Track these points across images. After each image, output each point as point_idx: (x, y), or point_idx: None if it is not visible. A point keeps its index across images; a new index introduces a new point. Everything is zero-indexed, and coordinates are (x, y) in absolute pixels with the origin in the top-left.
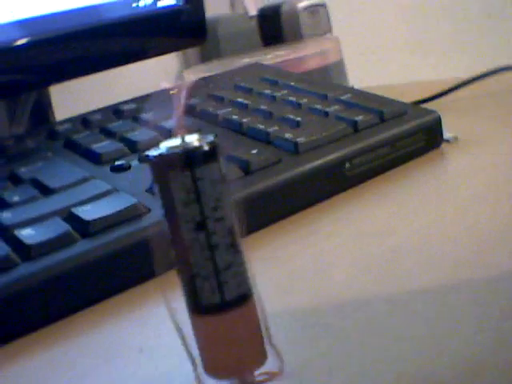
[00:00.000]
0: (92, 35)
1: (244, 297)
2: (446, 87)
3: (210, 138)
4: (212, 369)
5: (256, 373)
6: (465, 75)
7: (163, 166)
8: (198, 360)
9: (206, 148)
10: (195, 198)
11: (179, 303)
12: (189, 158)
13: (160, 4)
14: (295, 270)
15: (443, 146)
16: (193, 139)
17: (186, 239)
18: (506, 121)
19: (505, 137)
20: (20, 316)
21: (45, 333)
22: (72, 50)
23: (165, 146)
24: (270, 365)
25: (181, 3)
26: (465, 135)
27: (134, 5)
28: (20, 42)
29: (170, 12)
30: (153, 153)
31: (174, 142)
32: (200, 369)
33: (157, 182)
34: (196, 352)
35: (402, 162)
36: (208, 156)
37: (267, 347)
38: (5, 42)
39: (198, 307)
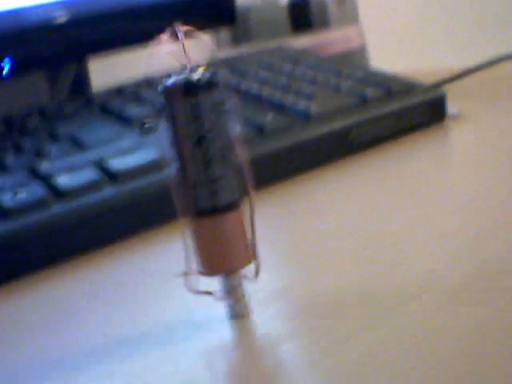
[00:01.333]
0: (128, 15)
1: (234, 204)
2: (457, 73)
3: (210, 74)
4: (205, 266)
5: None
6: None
7: (169, 94)
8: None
9: (204, 80)
10: (193, 121)
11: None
12: (189, 87)
13: None
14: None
15: (447, 121)
16: (196, 73)
17: (186, 153)
18: (509, 102)
19: (505, 115)
20: (52, 249)
21: (73, 263)
22: (109, 28)
23: (172, 79)
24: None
25: None
26: (469, 112)
27: None
28: (62, 20)
29: None
30: (162, 84)
31: (181, 76)
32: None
33: (165, 107)
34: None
35: (407, 133)
36: (205, 87)
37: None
38: (49, 19)
39: (196, 210)
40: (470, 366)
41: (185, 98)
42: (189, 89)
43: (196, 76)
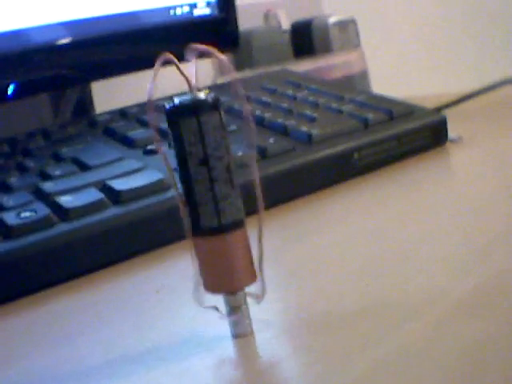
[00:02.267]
0: (131, 38)
1: (237, 223)
2: (457, 97)
3: (214, 94)
4: (209, 284)
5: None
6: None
7: (175, 113)
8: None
9: (210, 100)
10: (199, 140)
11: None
12: (195, 107)
13: (196, 13)
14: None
15: (448, 144)
16: (200, 94)
17: (191, 173)
18: (510, 127)
19: (506, 139)
20: (56, 267)
21: (77, 282)
22: (112, 51)
23: (177, 98)
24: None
25: (216, 13)
26: (470, 137)
27: (172, 12)
28: (65, 41)
29: (205, 21)
30: (168, 104)
31: (185, 96)
32: (199, 286)
33: (170, 127)
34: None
35: (408, 157)
36: (211, 106)
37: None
38: (52, 41)
39: (200, 230)
40: (473, 382)
41: (191, 116)
42: (196, 107)
43: (202, 96)
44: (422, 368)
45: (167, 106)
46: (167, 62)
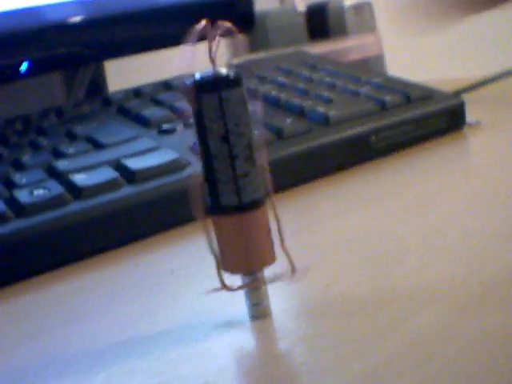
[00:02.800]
0: (146, 17)
1: (258, 202)
2: (475, 82)
3: (236, 70)
4: (228, 264)
5: (265, 272)
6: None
7: (197, 89)
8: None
9: (232, 75)
10: (220, 116)
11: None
12: (217, 82)
13: None
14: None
15: (466, 128)
16: (222, 70)
17: (212, 150)
18: None
19: None
20: (71, 245)
21: (90, 261)
22: (126, 30)
23: (198, 74)
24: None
25: None
26: (487, 121)
27: None
28: (80, 20)
29: (220, 1)
30: (189, 79)
31: (207, 71)
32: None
33: (191, 103)
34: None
35: (425, 140)
36: (232, 82)
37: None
38: (66, 19)
39: (219, 208)
40: (490, 374)
41: (213, 91)
42: (217, 83)
43: (224, 71)
44: (442, 356)
45: (187, 82)
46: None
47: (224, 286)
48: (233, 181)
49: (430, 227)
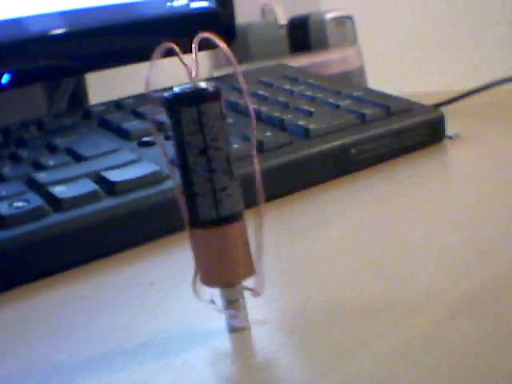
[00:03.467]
0: (128, 30)
1: (236, 215)
2: (455, 95)
3: (215, 84)
4: (206, 277)
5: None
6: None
7: (176, 103)
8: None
9: (211, 90)
10: (199, 129)
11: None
12: (196, 96)
13: (193, 5)
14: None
15: (446, 141)
16: (201, 84)
17: (190, 163)
18: (508, 124)
19: (505, 136)
20: (49, 258)
21: (70, 273)
22: (108, 42)
23: (178, 87)
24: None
25: (213, 5)
26: (467, 134)
27: (169, 4)
28: (61, 31)
29: (202, 13)
30: (168, 93)
31: (186, 86)
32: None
33: (170, 116)
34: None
35: (405, 153)
36: (212, 96)
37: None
38: (48, 31)
39: (197, 221)
40: (474, 379)
41: (192, 105)
42: (196, 97)
43: (203, 85)
44: (423, 365)
45: (167, 95)
46: (167, 53)
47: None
48: (211, 194)
49: (410, 239)
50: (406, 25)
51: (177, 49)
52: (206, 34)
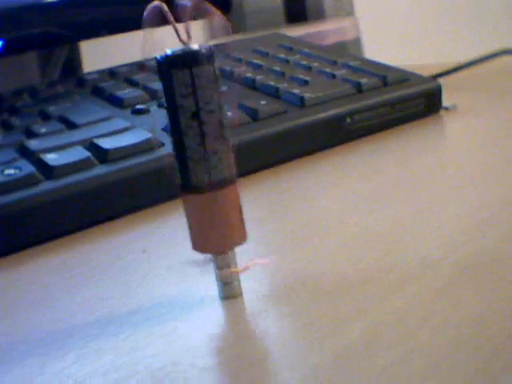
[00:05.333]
0: None
1: (228, 180)
2: (452, 67)
3: (208, 46)
4: (198, 243)
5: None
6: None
7: (168, 65)
8: None
9: (203, 52)
10: (192, 92)
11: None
12: (188, 58)
13: None
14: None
15: (442, 112)
16: (193, 46)
17: (182, 127)
18: (504, 97)
19: (501, 108)
20: (41, 225)
21: (61, 241)
22: (102, 11)
23: (170, 50)
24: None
25: None
26: (464, 106)
27: None
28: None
29: None
30: (160, 55)
31: (179, 48)
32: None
33: (162, 79)
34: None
35: (401, 123)
36: (204, 58)
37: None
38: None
39: (189, 186)
40: (463, 355)
41: (184, 68)
42: (189, 59)
43: (195, 47)
44: (418, 335)
45: (158, 57)
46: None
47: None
48: (203, 158)
49: (405, 209)
50: None
51: (165, 8)
52: (204, 3)
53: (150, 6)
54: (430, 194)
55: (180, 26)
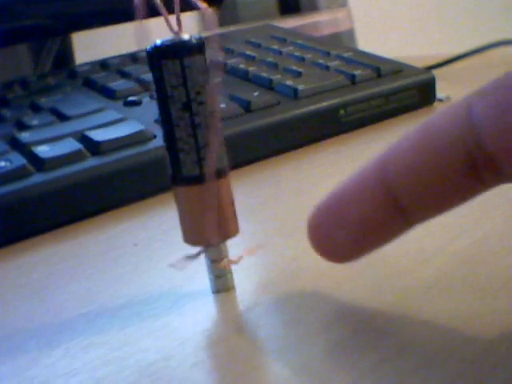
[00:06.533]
0: None
1: (220, 172)
2: (446, 58)
3: (199, 36)
4: (189, 236)
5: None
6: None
7: (157, 55)
8: None
9: (194, 42)
10: (182, 83)
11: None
12: (178, 48)
13: None
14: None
15: (436, 104)
16: (184, 36)
17: (173, 118)
18: None
19: None
20: (32, 218)
21: (52, 233)
22: (94, 2)
23: (160, 40)
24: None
25: None
26: (458, 97)
27: None
28: None
29: None
30: (150, 46)
31: (169, 38)
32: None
33: (152, 70)
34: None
35: (395, 115)
36: (195, 49)
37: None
38: None
39: (180, 178)
40: (462, 342)
41: (175, 58)
42: (179, 49)
43: (186, 37)
44: (412, 327)
45: (148, 48)
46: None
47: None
48: (195, 150)
49: None
50: None
51: (158, 1)
52: None
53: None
54: None
55: (171, 18)
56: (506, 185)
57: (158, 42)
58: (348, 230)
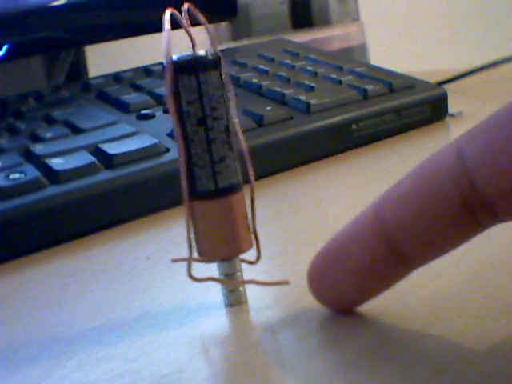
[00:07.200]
0: (128, 3)
1: (234, 187)
2: (458, 73)
3: (215, 52)
4: (204, 250)
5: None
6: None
7: (174, 71)
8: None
9: (210, 58)
10: (198, 98)
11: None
12: (195, 64)
13: None
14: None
15: (448, 119)
16: (200, 52)
17: (188, 133)
18: None
19: None
20: (45, 230)
21: (65, 246)
22: (108, 15)
23: (177, 55)
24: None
25: None
26: (470, 113)
27: None
28: (61, 3)
29: None
30: (168, 60)
31: (186, 53)
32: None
33: (168, 85)
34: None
35: (407, 130)
36: (211, 64)
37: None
38: (48, 2)
39: (195, 193)
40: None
41: (191, 73)
42: (195, 65)
43: (202, 53)
44: (425, 342)
45: (166, 62)
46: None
47: (191, 277)
48: (209, 165)
49: None
50: (410, 2)
51: (179, 15)
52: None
53: (166, 12)
54: None
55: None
56: None
57: (175, 57)
58: (348, 281)
